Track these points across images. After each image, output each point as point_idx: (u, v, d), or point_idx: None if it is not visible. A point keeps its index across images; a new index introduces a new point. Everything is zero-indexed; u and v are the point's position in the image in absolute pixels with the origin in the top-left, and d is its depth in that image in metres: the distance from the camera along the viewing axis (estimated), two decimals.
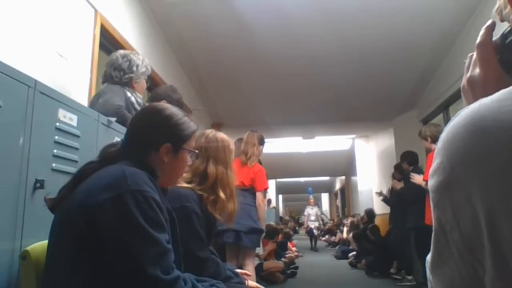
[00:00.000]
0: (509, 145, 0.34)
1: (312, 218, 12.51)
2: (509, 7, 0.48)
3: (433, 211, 0.43)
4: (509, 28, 0.49)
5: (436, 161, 0.42)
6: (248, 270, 3.09)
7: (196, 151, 1.34)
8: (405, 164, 4.69)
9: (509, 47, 0.51)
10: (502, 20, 0.50)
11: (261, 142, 3.55)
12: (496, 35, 0.52)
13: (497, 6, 0.51)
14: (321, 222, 13.67)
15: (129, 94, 2.17)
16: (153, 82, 3.34)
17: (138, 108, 2.20)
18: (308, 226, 12.37)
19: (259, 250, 5.49)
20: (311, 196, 13.77)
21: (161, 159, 1.18)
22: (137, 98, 2.22)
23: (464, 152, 0.38)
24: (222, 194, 1.62)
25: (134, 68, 2.24)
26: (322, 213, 14.98)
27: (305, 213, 13.12)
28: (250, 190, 3.34)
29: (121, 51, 2.33)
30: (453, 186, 0.39)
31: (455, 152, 0.39)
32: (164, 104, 1.28)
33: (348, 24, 3.86)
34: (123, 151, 1.17)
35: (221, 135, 1.80)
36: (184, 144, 1.24)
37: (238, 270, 1.67)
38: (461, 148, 0.38)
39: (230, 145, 1.77)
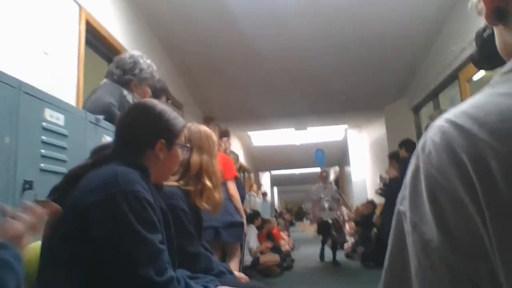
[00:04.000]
0: None
1: (326, 204, 6.55)
2: (481, 3, 0.48)
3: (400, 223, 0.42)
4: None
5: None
6: (232, 266, 3.08)
7: (188, 145, 1.33)
8: (403, 150, 4.49)
9: (487, 40, 0.51)
10: (479, 14, 0.50)
11: (225, 134, 3.69)
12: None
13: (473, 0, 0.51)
14: (344, 209, 7.23)
15: (125, 92, 2.05)
16: None
17: None
18: (319, 217, 6.63)
19: (253, 245, 5.48)
20: (322, 167, 8.09)
21: (157, 156, 1.17)
22: (134, 98, 2.07)
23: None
24: (208, 183, 1.60)
25: (137, 71, 2.08)
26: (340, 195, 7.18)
27: (313, 195, 6.74)
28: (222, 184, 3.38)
29: (134, 52, 2.19)
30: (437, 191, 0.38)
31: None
32: (152, 101, 1.27)
33: (338, 15, 3.86)
34: (115, 151, 1.15)
35: (204, 127, 1.79)
36: (176, 139, 1.24)
37: (236, 273, 1.66)
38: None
39: (213, 136, 1.77)
